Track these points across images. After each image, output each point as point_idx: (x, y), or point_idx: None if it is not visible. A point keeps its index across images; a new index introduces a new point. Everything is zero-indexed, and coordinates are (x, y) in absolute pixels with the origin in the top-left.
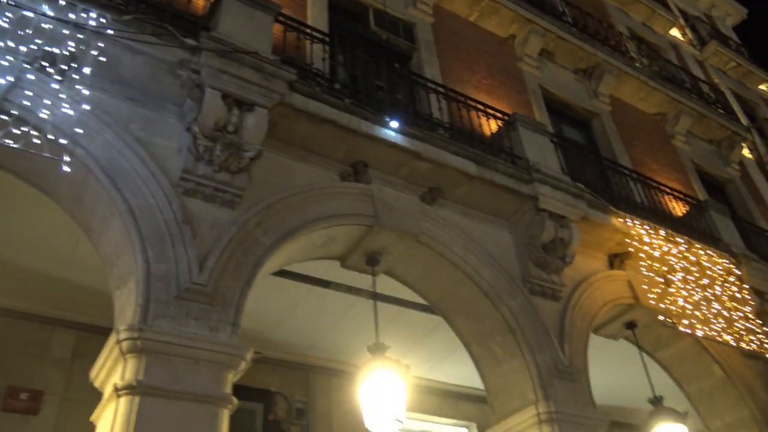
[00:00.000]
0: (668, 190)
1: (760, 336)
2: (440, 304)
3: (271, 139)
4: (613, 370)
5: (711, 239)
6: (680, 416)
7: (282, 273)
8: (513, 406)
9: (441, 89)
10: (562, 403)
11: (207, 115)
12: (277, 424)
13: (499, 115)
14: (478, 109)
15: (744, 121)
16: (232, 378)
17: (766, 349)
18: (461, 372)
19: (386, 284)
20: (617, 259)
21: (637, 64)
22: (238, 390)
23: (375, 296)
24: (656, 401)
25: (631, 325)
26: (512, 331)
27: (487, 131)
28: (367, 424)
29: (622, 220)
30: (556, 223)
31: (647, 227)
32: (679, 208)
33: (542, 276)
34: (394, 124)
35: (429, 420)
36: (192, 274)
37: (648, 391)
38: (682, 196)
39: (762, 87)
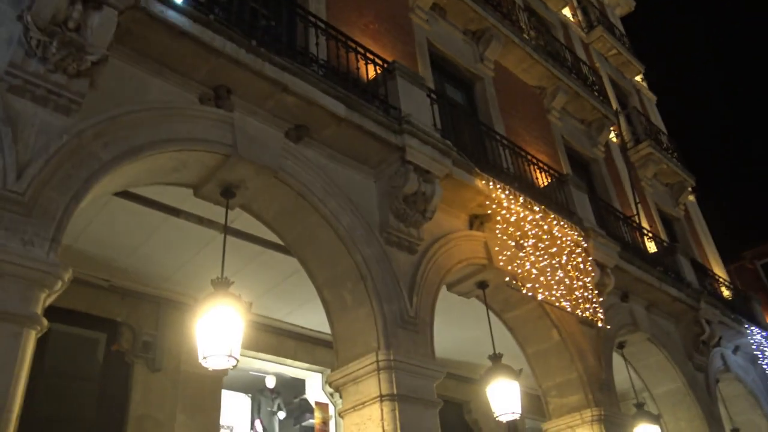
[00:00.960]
0: (535, 161)
1: (595, 305)
2: (296, 246)
3: (124, 47)
4: (464, 327)
5: (567, 212)
6: (514, 373)
7: (133, 197)
8: (355, 353)
9: (321, 24)
10: (402, 353)
11: (43, 4)
12: (121, 356)
13: (379, 61)
14: (358, 52)
15: (615, 106)
16: (45, 298)
17: (598, 317)
18: (319, 318)
19: (247, 222)
20: (477, 221)
21: (525, 36)
22: (80, 317)
23: (226, 229)
24: (495, 358)
25: (482, 285)
26: (363, 279)
27: (364, 76)
28: (200, 359)
29: (485, 182)
30: (420, 177)
31: (508, 192)
32: (542, 179)
33: (401, 228)
34: (260, 49)
35: (284, 363)
36: (7, 180)
37: (491, 349)
38: (546, 168)
39: (637, 78)
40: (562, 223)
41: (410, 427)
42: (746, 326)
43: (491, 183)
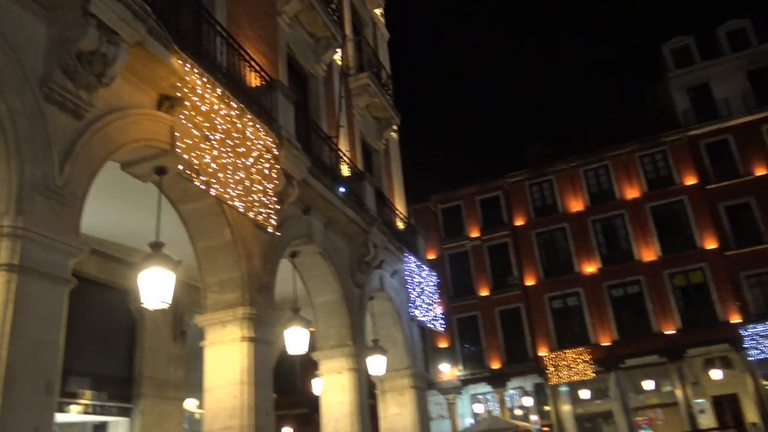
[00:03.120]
0: (248, 59)
1: (271, 212)
2: None
3: None
4: (142, 213)
5: (268, 117)
6: (172, 263)
7: None
8: None
9: None
10: (37, 222)
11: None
12: None
13: None
14: None
15: (348, 31)
16: None
17: (270, 223)
18: None
19: None
20: (168, 102)
21: None
22: None
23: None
24: (155, 246)
25: (161, 171)
26: (3, 132)
27: None
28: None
29: (183, 63)
30: (103, 36)
31: (206, 80)
32: (253, 80)
33: (68, 87)
34: None
35: None
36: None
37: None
38: (259, 70)
39: (377, 11)
40: (258, 125)
41: (29, 302)
42: (406, 255)
43: (189, 65)
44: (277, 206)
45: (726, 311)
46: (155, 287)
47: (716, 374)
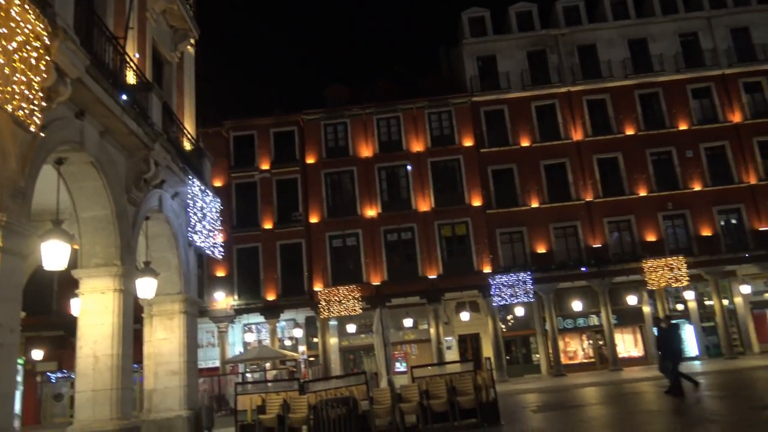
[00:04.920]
0: None
1: (35, 108)
2: None
3: None
4: None
5: (42, 1)
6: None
7: None
8: None
9: None
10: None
11: None
12: None
13: None
14: None
15: None
16: None
17: (34, 121)
18: None
19: None
20: None
21: None
22: None
23: None
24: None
25: None
26: None
27: None
28: None
29: None
30: None
31: None
32: None
33: None
34: None
35: None
36: None
37: None
38: None
39: None
40: (27, 7)
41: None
42: (190, 178)
43: None
44: (44, 104)
45: (480, 262)
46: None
47: (465, 316)
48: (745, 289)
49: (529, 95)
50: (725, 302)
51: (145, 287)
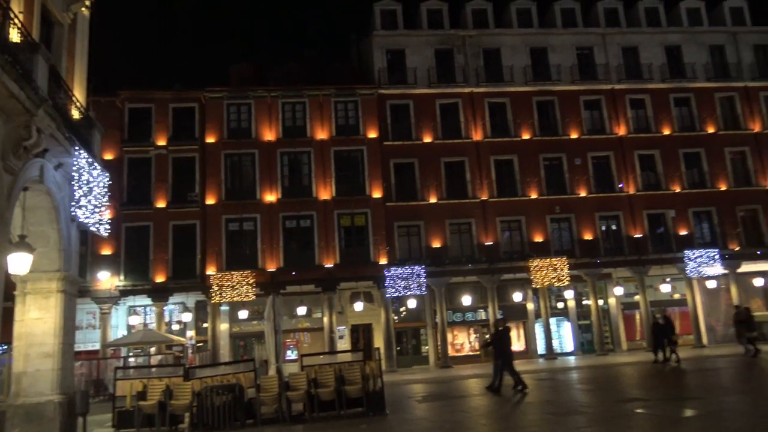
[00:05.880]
0: None
1: None
2: None
3: None
4: None
5: None
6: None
7: None
8: None
9: None
10: None
11: None
12: None
13: None
14: None
15: None
16: None
17: None
18: None
19: None
20: None
21: None
22: None
23: None
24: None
25: None
26: None
27: None
28: None
29: None
30: None
31: None
32: None
33: None
34: None
35: None
36: None
37: None
38: None
39: None
40: None
41: None
42: (77, 149)
43: None
44: None
45: (377, 253)
46: None
47: (358, 306)
48: (618, 290)
49: (435, 93)
50: (600, 302)
51: (18, 263)
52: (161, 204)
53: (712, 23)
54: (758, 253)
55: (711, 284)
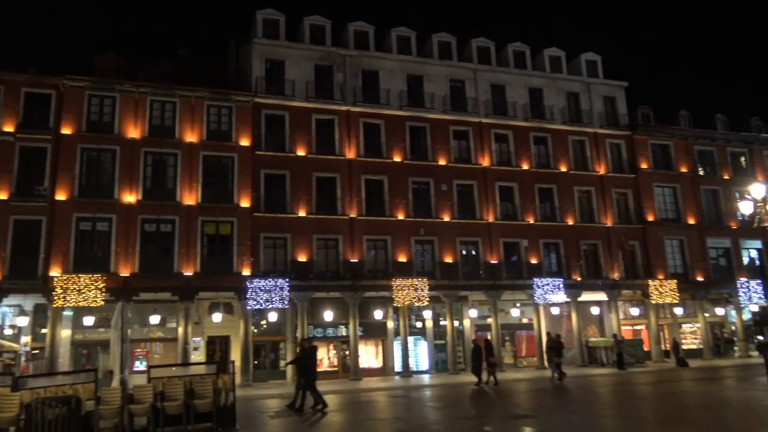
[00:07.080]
0: None
1: None
2: None
3: None
4: None
5: None
6: None
7: None
8: None
9: None
10: None
11: None
12: None
13: None
14: None
15: None
16: None
17: None
18: None
19: None
20: None
21: None
22: None
23: None
24: None
25: None
26: None
27: None
28: None
29: None
30: None
31: None
32: None
33: None
34: None
35: None
36: None
37: None
38: None
39: None
40: None
41: None
42: None
43: None
44: None
45: (241, 264)
46: None
47: (217, 317)
48: (473, 312)
49: (312, 107)
50: (456, 323)
51: None
52: (2, 196)
53: (570, 72)
54: (598, 283)
55: (555, 311)
